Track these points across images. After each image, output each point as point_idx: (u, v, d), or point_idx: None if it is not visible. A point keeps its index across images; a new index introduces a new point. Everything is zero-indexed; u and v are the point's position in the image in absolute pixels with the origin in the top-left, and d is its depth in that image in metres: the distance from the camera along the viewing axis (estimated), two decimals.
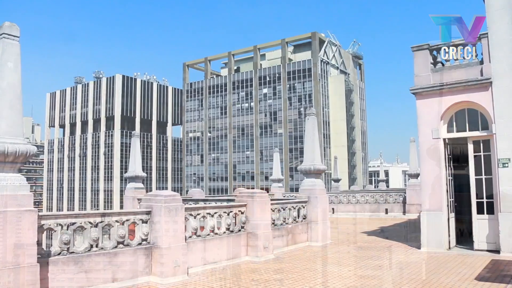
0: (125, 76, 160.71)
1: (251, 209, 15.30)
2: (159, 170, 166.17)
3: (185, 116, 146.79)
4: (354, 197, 36.30)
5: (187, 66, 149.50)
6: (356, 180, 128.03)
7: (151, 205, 12.10)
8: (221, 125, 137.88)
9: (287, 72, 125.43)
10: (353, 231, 24.31)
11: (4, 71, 9.35)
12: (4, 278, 8.84)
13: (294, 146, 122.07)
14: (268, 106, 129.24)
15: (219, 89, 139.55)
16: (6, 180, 9.28)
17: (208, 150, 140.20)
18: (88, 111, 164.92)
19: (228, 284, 11.55)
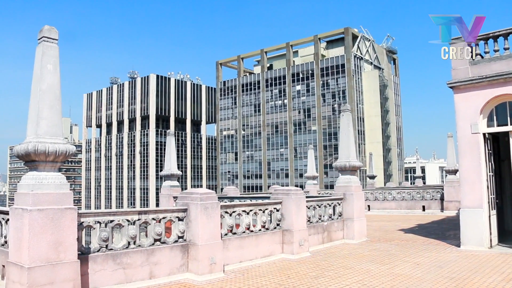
0: (159, 76, 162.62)
1: (287, 206, 15.26)
2: (193, 168, 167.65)
3: (219, 114, 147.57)
4: (390, 194, 35.80)
5: (220, 64, 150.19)
6: (391, 176, 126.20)
7: (187, 203, 12.20)
8: (255, 123, 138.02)
9: (320, 68, 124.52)
10: (390, 228, 23.94)
11: (44, 73, 9.58)
12: (46, 273, 9.07)
13: (328, 143, 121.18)
14: (301, 103, 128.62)
15: (252, 87, 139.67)
16: (48, 178, 9.52)
17: (242, 148, 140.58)
18: (123, 110, 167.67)
19: (264, 281, 11.54)
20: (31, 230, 9.02)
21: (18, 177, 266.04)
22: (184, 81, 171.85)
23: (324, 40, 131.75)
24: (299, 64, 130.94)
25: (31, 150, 9.21)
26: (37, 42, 9.85)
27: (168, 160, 24.05)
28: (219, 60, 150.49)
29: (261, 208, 14.79)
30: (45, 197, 9.31)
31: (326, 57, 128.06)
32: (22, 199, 9.47)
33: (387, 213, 33.86)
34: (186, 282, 11.37)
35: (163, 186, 24.34)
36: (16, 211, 9.54)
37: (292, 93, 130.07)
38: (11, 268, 9.43)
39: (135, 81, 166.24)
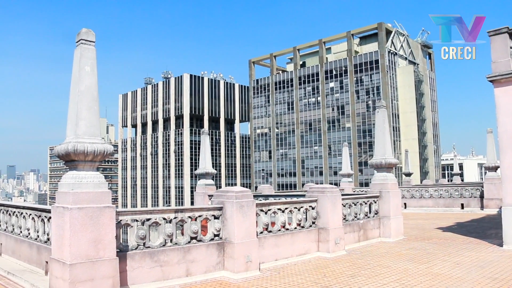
0: (193, 75, 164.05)
1: (322, 204, 15.16)
2: (227, 166, 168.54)
3: (252, 112, 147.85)
4: (427, 192, 35.12)
5: (253, 63, 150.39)
6: (428, 174, 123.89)
7: (223, 201, 12.26)
8: (288, 121, 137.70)
9: (354, 65, 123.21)
10: (427, 226, 23.49)
11: (82, 75, 9.79)
12: (87, 270, 9.28)
13: (362, 140, 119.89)
14: (335, 100, 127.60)
15: (285, 85, 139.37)
16: (87, 178, 9.74)
17: (276, 146, 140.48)
18: (158, 110, 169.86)
19: (300, 279, 11.50)
20: (72, 228, 9.24)
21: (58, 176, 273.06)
22: (217, 80, 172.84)
23: (357, 36, 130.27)
24: (332, 61, 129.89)
25: (71, 150, 9.44)
26: (75, 44, 10.07)
27: (203, 159, 24.22)
28: (252, 59, 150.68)
29: (297, 206, 14.74)
30: (85, 196, 9.53)
31: (359, 53, 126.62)
32: (63, 198, 9.71)
33: (424, 211, 33.24)
34: (222, 280, 11.44)
35: (198, 185, 24.52)
36: (57, 210, 9.79)
37: (326, 90, 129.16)
38: (54, 264, 9.69)
39: (169, 81, 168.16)
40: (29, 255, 12.77)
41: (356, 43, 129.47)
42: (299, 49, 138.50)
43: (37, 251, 12.21)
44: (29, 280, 11.06)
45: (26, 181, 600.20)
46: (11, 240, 14.25)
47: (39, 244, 12.15)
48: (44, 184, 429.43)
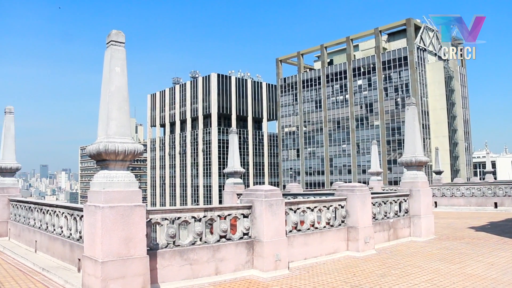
0: (220, 75, 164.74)
1: (351, 203, 15.05)
2: (255, 165, 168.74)
3: (280, 111, 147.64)
4: (459, 190, 34.47)
5: (280, 61, 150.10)
6: (459, 172, 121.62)
7: (252, 200, 12.28)
8: (316, 119, 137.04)
9: (382, 62, 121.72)
10: (459, 226, 23.06)
11: (112, 76, 9.93)
12: (118, 268, 9.42)
13: (391, 138, 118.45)
14: (363, 97, 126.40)
15: (312, 83, 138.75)
16: (118, 177, 9.88)
17: (304, 144, 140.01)
18: (186, 110, 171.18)
19: (330, 279, 11.43)
20: (104, 226, 9.39)
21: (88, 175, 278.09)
22: (244, 79, 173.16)
23: (385, 33, 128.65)
24: (360, 58, 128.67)
25: (102, 149, 9.58)
26: (106, 46, 10.22)
27: (231, 158, 24.27)
28: (279, 57, 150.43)
29: (326, 204, 14.67)
30: (116, 195, 9.67)
31: (387, 50, 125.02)
32: (95, 197, 9.87)
33: (455, 210, 32.66)
34: (252, 279, 11.45)
35: (227, 184, 24.60)
36: (89, 208, 9.96)
37: (354, 88, 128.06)
38: (86, 262, 9.87)
39: (196, 80, 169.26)
40: (62, 252, 13.04)
41: (384, 40, 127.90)
42: (326, 46, 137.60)
43: (70, 249, 12.46)
44: (63, 276, 11.29)
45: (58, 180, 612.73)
46: (45, 238, 14.59)
47: (71, 242, 12.39)
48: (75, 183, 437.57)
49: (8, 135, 19.39)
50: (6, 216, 19.28)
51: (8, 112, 19.38)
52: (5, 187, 19.54)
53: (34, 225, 15.83)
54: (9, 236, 18.95)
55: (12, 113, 19.45)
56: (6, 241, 18.56)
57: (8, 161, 19.39)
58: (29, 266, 13.53)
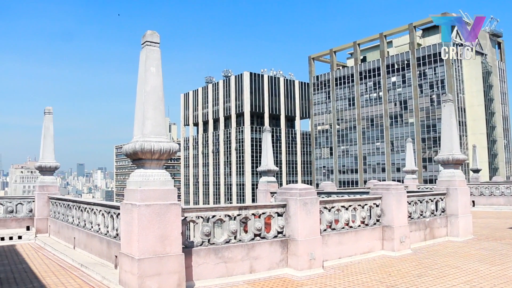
0: (253, 73, 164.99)
1: (387, 201, 14.86)
2: (288, 163, 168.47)
3: (313, 109, 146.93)
4: (498, 189, 33.58)
5: (313, 59, 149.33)
6: (498, 170, 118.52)
7: (286, 198, 12.26)
8: (350, 117, 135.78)
9: (416, 58, 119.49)
10: (499, 226, 22.45)
11: (147, 76, 10.06)
12: (154, 265, 9.55)
13: (426, 136, 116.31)
14: (397, 94, 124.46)
15: (345, 80, 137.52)
16: (153, 175, 10.02)
17: (337, 143, 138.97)
18: (219, 109, 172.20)
19: (365, 278, 11.32)
20: (140, 224, 9.54)
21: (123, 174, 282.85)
22: (277, 77, 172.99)
23: (420, 28, 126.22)
24: (394, 55, 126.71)
25: (138, 148, 9.73)
26: (141, 46, 10.36)
27: (265, 156, 24.27)
28: (312, 55, 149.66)
29: (360, 203, 14.53)
30: (152, 193, 9.80)
31: (422, 45, 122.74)
32: (131, 195, 10.03)
33: (495, 210, 31.82)
34: (286, 277, 11.43)
35: (260, 182, 24.61)
36: (126, 206, 10.13)
37: (387, 85, 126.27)
38: (123, 259, 10.05)
39: (229, 79, 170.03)
40: (100, 249, 13.31)
41: (418, 36, 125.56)
42: (359, 43, 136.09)
43: (107, 246, 12.70)
44: (101, 273, 11.53)
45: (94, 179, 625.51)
46: (83, 235, 14.92)
47: (108, 239, 12.63)
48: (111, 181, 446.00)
49: (48, 135, 19.92)
50: (46, 213, 19.83)
51: (47, 112, 19.90)
52: (45, 185, 20.09)
53: (73, 222, 16.20)
54: (49, 233, 19.48)
55: (51, 114, 19.96)
56: (47, 237, 19.09)
57: (48, 160, 19.94)
58: (68, 262, 13.89)
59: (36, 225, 19.77)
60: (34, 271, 12.80)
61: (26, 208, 20.32)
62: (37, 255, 15.75)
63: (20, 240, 19.02)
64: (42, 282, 11.32)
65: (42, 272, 12.57)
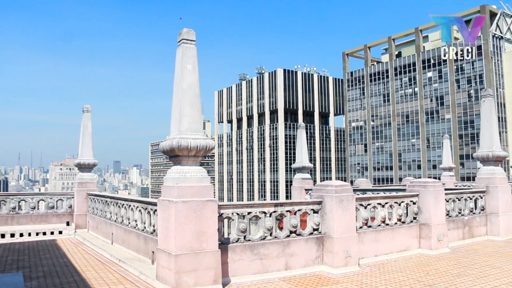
0: (286, 70, 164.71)
1: (424, 199, 14.60)
2: (322, 160, 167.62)
3: (347, 105, 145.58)
4: None
5: (347, 55, 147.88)
6: None
7: (322, 195, 12.19)
8: (384, 113, 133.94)
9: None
10: None
11: (184, 73, 10.15)
12: (191, 261, 9.65)
13: (464, 132, 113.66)
14: (433, 90, 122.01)
15: (380, 76, 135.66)
16: (190, 172, 10.12)
17: (371, 139, 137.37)
18: (252, 106, 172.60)
19: (402, 277, 11.16)
20: (177, 220, 9.65)
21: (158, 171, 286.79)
22: (311, 74, 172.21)
23: None
24: (430, 50, 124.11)
25: (175, 145, 9.84)
26: (177, 44, 10.46)
27: (299, 153, 24.21)
28: (345, 51, 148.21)
29: (397, 200, 14.33)
30: (188, 190, 9.90)
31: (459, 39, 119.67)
32: (168, 192, 10.16)
33: None
34: (321, 275, 11.38)
35: (295, 179, 24.58)
36: (163, 203, 10.27)
37: (423, 80, 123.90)
38: (160, 255, 10.19)
39: (263, 76, 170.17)
40: (137, 244, 13.53)
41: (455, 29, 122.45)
42: (394, 38, 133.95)
43: (144, 241, 12.90)
44: (138, 268, 11.72)
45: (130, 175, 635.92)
46: (121, 231, 15.20)
47: (145, 235, 12.83)
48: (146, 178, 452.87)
49: (86, 133, 20.38)
50: (85, 209, 20.29)
51: (85, 111, 20.35)
52: (83, 181, 20.57)
53: (111, 218, 16.53)
54: (88, 228, 19.93)
55: (89, 112, 20.40)
56: (85, 232, 19.55)
57: (86, 158, 20.41)
58: (106, 257, 14.19)
59: (76, 221, 20.27)
60: (75, 265, 13.13)
61: (66, 204, 20.86)
62: (76, 249, 16.14)
63: (61, 235, 19.53)
64: (82, 276, 11.60)
65: (82, 266, 12.89)
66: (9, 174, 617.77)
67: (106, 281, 11.02)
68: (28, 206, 20.25)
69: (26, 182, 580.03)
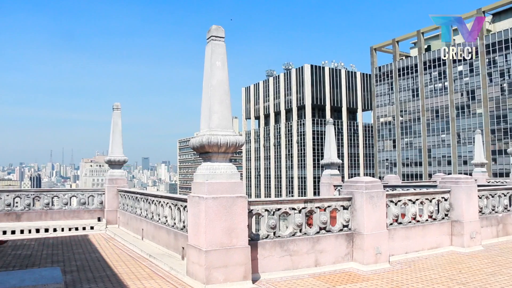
0: (313, 66, 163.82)
1: (456, 195, 14.35)
2: (350, 156, 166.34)
3: (375, 101, 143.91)
4: None
5: (375, 49, 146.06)
6: None
7: (352, 192, 12.11)
8: (413, 108, 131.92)
9: (485, 45, 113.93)
10: None
11: (213, 70, 10.19)
12: (221, 257, 9.71)
13: (496, 127, 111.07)
14: (464, 84, 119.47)
15: (409, 71, 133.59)
16: (220, 169, 10.16)
17: (400, 135, 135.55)
18: (280, 102, 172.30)
19: (433, 274, 11.00)
20: (207, 216, 9.71)
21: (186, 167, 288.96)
22: (338, 69, 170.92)
23: (490, 13, 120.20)
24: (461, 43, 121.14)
25: (205, 142, 9.89)
26: (206, 41, 10.49)
27: (328, 149, 24.07)
28: (373, 45, 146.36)
29: (428, 197, 14.12)
30: (219, 186, 9.95)
31: (492, 31, 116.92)
32: (198, 188, 10.23)
33: None
34: (351, 271, 11.30)
35: (323, 175, 24.44)
36: (193, 199, 10.35)
37: (453, 74, 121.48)
38: (190, 251, 10.27)
39: (290, 72, 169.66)
40: (167, 240, 13.68)
41: (488, 21, 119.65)
42: (423, 32, 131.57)
43: (174, 237, 13.03)
44: (168, 263, 11.85)
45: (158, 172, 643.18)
46: (151, 226, 15.38)
47: (175, 230, 12.95)
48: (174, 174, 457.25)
49: (116, 130, 20.68)
50: (115, 205, 20.60)
51: (115, 108, 20.64)
52: (114, 178, 20.88)
53: (141, 214, 16.73)
54: (118, 224, 20.23)
55: (119, 109, 20.68)
56: (116, 228, 19.85)
57: (117, 154, 20.73)
58: (137, 252, 14.39)
59: (106, 217, 20.60)
60: (106, 260, 13.37)
61: (97, 200, 21.22)
62: (108, 245, 16.41)
63: (92, 230, 19.89)
64: (114, 271, 11.79)
65: (113, 261, 13.11)
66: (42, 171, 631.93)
67: (137, 276, 11.18)
68: (61, 202, 20.69)
69: (57, 179, 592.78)
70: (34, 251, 15.09)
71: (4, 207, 19.79)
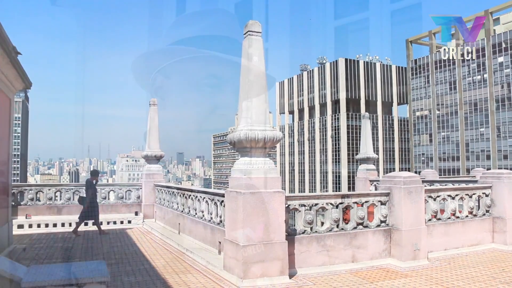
0: (348, 59, 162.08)
1: (498, 191, 13.99)
2: (386, 151, 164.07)
3: (411, 94, 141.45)
4: None
5: (410, 42, 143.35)
6: None
7: (390, 187, 11.96)
8: (451, 101, 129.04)
9: None
10: None
11: (250, 65, 10.21)
12: (258, 252, 9.74)
13: None
14: (505, 76, 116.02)
15: (446, 63, 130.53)
16: (258, 163, 10.19)
17: (437, 129, 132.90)
18: (314, 96, 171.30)
19: (474, 272, 10.76)
20: (245, 211, 9.76)
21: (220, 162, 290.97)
22: (373, 62, 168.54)
23: None
24: (501, 33, 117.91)
25: (243, 137, 9.93)
26: (243, 36, 10.51)
27: (364, 143, 23.82)
28: (409, 38, 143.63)
29: (468, 192, 13.81)
30: (256, 181, 9.98)
31: None
32: (236, 183, 10.29)
33: None
34: (389, 268, 11.18)
35: (359, 170, 24.22)
36: (230, 194, 10.41)
37: (493, 66, 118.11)
38: (227, 245, 10.35)
39: (324, 66, 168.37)
40: (204, 235, 13.81)
41: None
42: None
43: (211, 232, 13.14)
44: (205, 257, 11.96)
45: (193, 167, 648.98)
46: (188, 221, 15.56)
47: (212, 225, 13.06)
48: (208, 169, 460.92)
49: (153, 126, 20.98)
50: (152, 200, 20.92)
51: (152, 104, 20.93)
52: (151, 173, 21.20)
53: (177, 208, 16.94)
54: (155, 218, 20.54)
55: (155, 105, 20.96)
56: (153, 222, 20.16)
57: (153, 150, 21.03)
58: (174, 247, 14.57)
59: (143, 211, 20.93)
60: (144, 254, 13.60)
61: (134, 194, 21.59)
62: (145, 238, 16.69)
63: (130, 224, 20.26)
64: (152, 264, 11.99)
65: (151, 255, 13.32)
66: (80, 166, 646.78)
67: (174, 269, 11.33)
68: (99, 196, 21.10)
69: None
70: (75, 244, 15.50)
71: (46, 201, 20.38)
